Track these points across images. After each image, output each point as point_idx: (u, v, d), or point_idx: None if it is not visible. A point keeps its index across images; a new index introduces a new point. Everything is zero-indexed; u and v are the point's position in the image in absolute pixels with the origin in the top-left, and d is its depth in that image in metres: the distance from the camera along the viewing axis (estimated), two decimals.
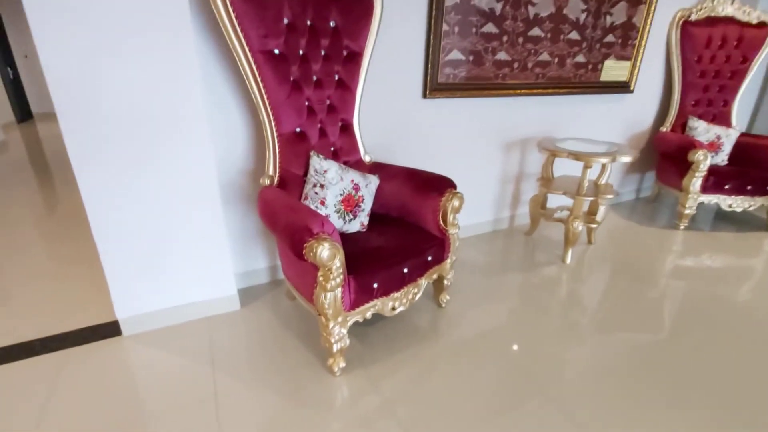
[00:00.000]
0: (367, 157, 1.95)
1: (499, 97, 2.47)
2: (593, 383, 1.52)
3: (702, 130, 2.94)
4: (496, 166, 2.69)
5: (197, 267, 1.79)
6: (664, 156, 3.09)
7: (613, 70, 2.78)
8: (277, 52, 1.56)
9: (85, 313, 1.86)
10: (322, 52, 1.70)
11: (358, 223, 1.73)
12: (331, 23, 1.68)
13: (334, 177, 1.63)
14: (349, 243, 1.59)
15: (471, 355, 1.65)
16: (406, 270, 1.58)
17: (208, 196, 1.70)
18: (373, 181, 1.79)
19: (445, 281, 1.87)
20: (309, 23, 1.63)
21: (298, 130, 1.70)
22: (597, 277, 2.29)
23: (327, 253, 1.25)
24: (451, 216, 1.70)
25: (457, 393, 1.47)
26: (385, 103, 2.15)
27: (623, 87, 2.90)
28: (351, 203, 1.69)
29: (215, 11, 1.43)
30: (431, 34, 2.08)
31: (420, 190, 1.77)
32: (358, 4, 1.72)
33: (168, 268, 1.73)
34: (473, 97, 2.37)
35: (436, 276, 1.81)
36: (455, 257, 1.84)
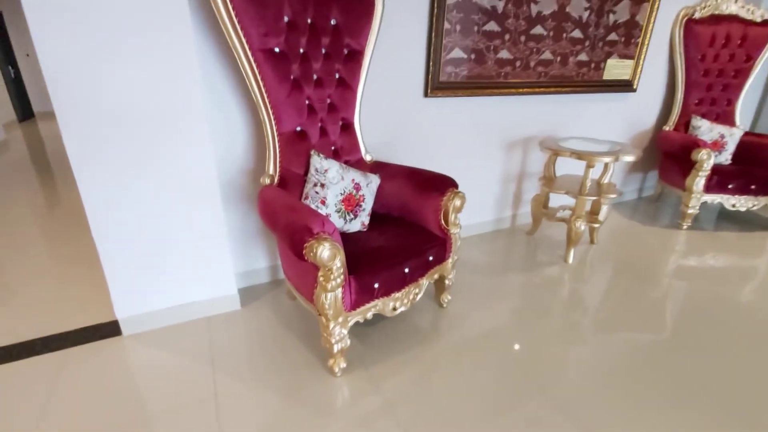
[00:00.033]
0: (368, 157, 1.94)
1: (501, 96, 2.46)
2: (595, 384, 1.51)
3: (705, 129, 2.92)
4: (497, 165, 2.67)
5: (197, 266, 1.78)
6: (667, 155, 3.07)
7: (616, 68, 2.76)
8: (277, 50, 1.55)
9: (86, 313, 1.86)
10: (323, 51, 1.69)
11: (358, 223, 1.72)
12: (332, 21, 1.67)
13: (334, 176, 1.62)
14: (349, 243, 1.58)
15: (472, 356, 1.64)
16: (407, 270, 1.57)
17: (208, 195, 1.69)
18: (374, 181, 1.78)
19: (447, 281, 1.86)
20: (309, 21, 1.62)
21: (299, 129, 1.69)
22: (599, 277, 2.28)
23: (327, 253, 1.24)
24: (453, 215, 1.69)
25: (458, 394, 1.46)
26: (386, 102, 2.14)
27: (626, 86, 2.89)
28: (352, 203, 1.68)
29: (215, 9, 1.42)
30: (433, 32, 2.07)
31: (421, 189, 1.76)
32: (359, 2, 1.70)
33: (168, 267, 1.73)
34: (475, 96, 2.36)
35: (437, 276, 1.80)
36: (457, 257, 1.83)
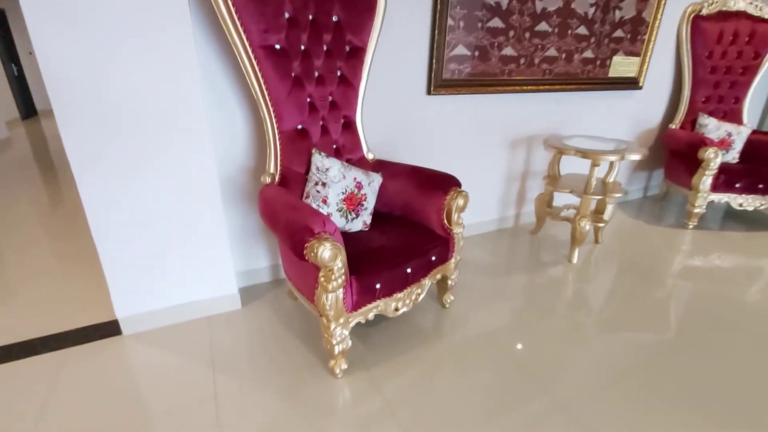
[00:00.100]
0: (370, 155, 1.92)
1: (505, 94, 2.43)
2: (599, 384, 1.49)
3: (712, 127, 2.88)
4: (501, 163, 2.65)
5: (198, 266, 1.77)
6: (673, 154, 3.04)
7: (621, 65, 2.72)
8: (277, 47, 1.53)
9: (86, 312, 1.85)
10: (324, 48, 1.66)
11: (360, 222, 1.70)
12: (334, 18, 1.65)
13: (336, 175, 1.60)
14: (351, 242, 1.56)
15: (475, 357, 1.62)
16: (409, 270, 1.55)
17: (208, 194, 1.67)
18: (376, 180, 1.76)
19: (449, 281, 1.84)
20: (311, 18, 1.59)
21: (300, 127, 1.67)
22: (604, 277, 2.25)
23: (328, 253, 1.22)
24: (456, 215, 1.67)
25: (460, 395, 1.44)
26: (388, 100, 2.11)
27: (632, 83, 2.85)
28: (353, 202, 1.66)
29: (214, 5, 1.40)
30: (436, 29, 2.04)
31: (424, 188, 1.73)
32: None
33: (168, 266, 1.71)
34: (478, 93, 2.33)
35: (440, 276, 1.78)
36: (459, 257, 1.81)
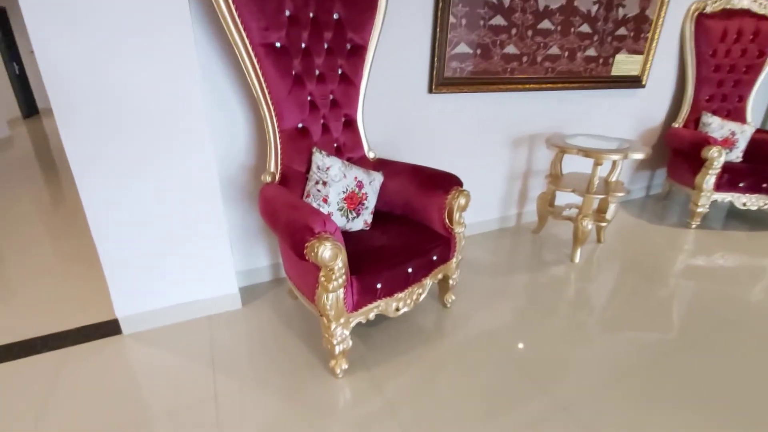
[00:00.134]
0: (371, 154, 1.91)
1: (507, 92, 2.41)
2: (600, 384, 1.48)
3: (716, 126, 2.86)
4: (503, 162, 2.63)
5: (198, 265, 1.76)
6: (676, 153, 3.02)
7: (624, 64, 2.70)
8: (278, 45, 1.52)
9: (86, 312, 1.84)
10: (325, 46, 1.65)
11: (361, 222, 1.69)
12: (335, 15, 1.63)
13: (337, 174, 1.59)
14: (352, 242, 1.55)
15: (476, 357, 1.61)
16: (410, 270, 1.54)
17: (208, 193, 1.67)
18: (377, 179, 1.75)
19: (451, 281, 1.83)
20: (311, 15, 1.58)
21: (300, 125, 1.66)
22: (606, 276, 2.23)
23: (329, 253, 1.21)
24: (457, 214, 1.65)
25: (461, 395, 1.43)
26: (389, 99, 2.10)
27: (635, 81, 2.83)
28: (354, 201, 1.65)
29: (214, 3, 1.38)
30: (438, 26, 2.03)
31: (425, 187, 1.72)
32: None
33: (168, 266, 1.71)
34: (480, 92, 2.31)
35: (441, 276, 1.77)
36: (461, 256, 1.80)
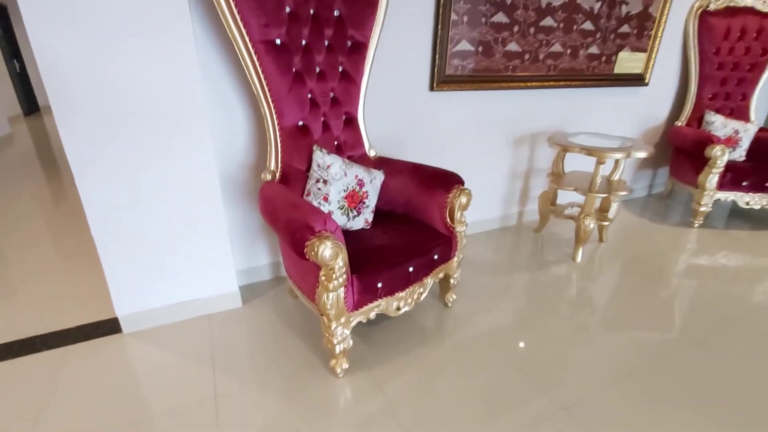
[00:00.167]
0: (372, 152, 1.90)
1: (509, 90, 2.39)
2: (602, 384, 1.47)
3: (719, 124, 2.84)
4: (504, 161, 2.62)
5: (198, 264, 1.75)
6: (678, 151, 3.00)
7: (627, 62, 2.68)
8: (278, 42, 1.51)
9: (86, 310, 1.84)
10: (326, 43, 1.64)
11: (362, 220, 1.68)
12: (335, 12, 1.62)
13: (337, 172, 1.58)
14: (352, 241, 1.54)
15: (477, 356, 1.61)
16: (411, 269, 1.52)
17: (208, 192, 1.66)
18: (377, 177, 1.74)
19: (452, 280, 1.82)
20: (312, 12, 1.57)
21: (301, 123, 1.65)
22: (608, 276, 2.22)
23: (329, 252, 1.20)
24: (459, 213, 1.64)
25: (462, 395, 1.42)
26: (390, 96, 2.09)
27: (638, 80, 2.81)
28: (355, 199, 1.64)
29: (214, 0, 1.37)
30: (439, 23, 2.01)
31: (426, 186, 1.71)
32: None
33: (168, 265, 1.70)
34: (482, 89, 2.29)
35: (442, 275, 1.76)
36: (462, 255, 1.78)
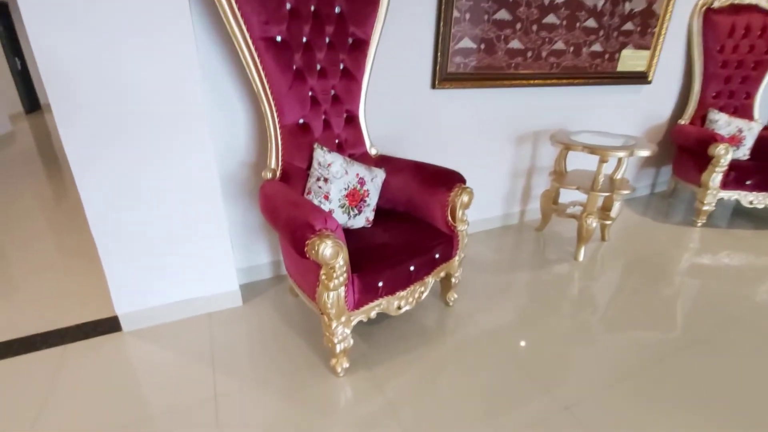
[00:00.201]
0: (373, 150, 1.88)
1: (511, 88, 2.38)
2: (603, 384, 1.46)
3: (723, 123, 2.82)
4: (506, 159, 2.60)
5: (198, 262, 1.75)
6: (682, 150, 2.98)
7: (631, 59, 2.66)
8: (279, 39, 1.49)
9: (86, 308, 1.83)
10: (327, 40, 1.63)
11: (363, 219, 1.67)
12: (336, 9, 1.60)
13: (338, 170, 1.57)
14: (353, 239, 1.53)
15: (478, 356, 1.60)
16: (412, 268, 1.52)
17: (208, 193, 1.65)
18: (379, 175, 1.73)
19: (453, 279, 1.81)
20: (313, 9, 1.55)
21: (302, 121, 1.64)
22: (610, 275, 2.21)
23: (330, 251, 1.20)
24: (460, 212, 1.63)
25: (462, 394, 1.41)
26: (392, 94, 2.07)
27: (641, 77, 2.79)
28: (356, 198, 1.63)
29: None
30: (441, 21, 2.00)
31: (428, 184, 1.70)
32: None
33: (169, 264, 1.69)
34: (484, 87, 2.28)
35: (443, 274, 1.75)
36: (463, 254, 1.77)
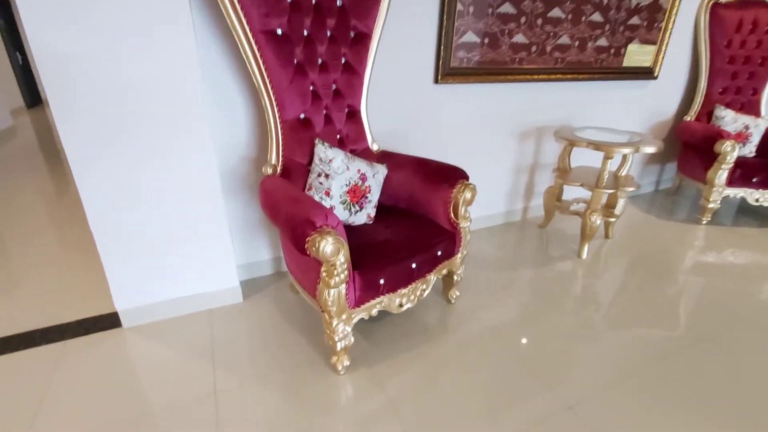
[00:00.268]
0: (375, 146, 1.86)
1: (515, 83, 2.35)
2: (606, 382, 1.44)
3: (729, 119, 2.78)
4: (510, 155, 2.58)
5: (198, 259, 1.73)
6: (687, 146, 2.95)
7: (636, 54, 2.63)
8: (279, 32, 1.47)
9: (86, 304, 1.82)
10: (328, 33, 1.60)
11: (364, 215, 1.65)
12: (338, 2, 1.58)
13: (339, 166, 1.55)
14: (354, 236, 1.52)
15: (480, 354, 1.58)
16: (414, 265, 1.50)
17: (209, 192, 1.63)
18: (380, 171, 1.71)
19: (455, 277, 1.79)
20: (314, 1, 1.53)
21: (302, 116, 1.61)
22: (614, 272, 2.19)
23: (330, 247, 1.18)
24: (463, 209, 1.61)
25: (464, 392, 1.40)
26: (394, 89, 2.05)
27: (647, 73, 2.75)
28: (357, 194, 1.61)
29: None
30: (444, 14, 1.96)
31: (430, 180, 1.68)
32: None
33: (168, 259, 1.68)
34: (488, 82, 2.25)
35: (445, 271, 1.73)
36: (466, 251, 1.75)
